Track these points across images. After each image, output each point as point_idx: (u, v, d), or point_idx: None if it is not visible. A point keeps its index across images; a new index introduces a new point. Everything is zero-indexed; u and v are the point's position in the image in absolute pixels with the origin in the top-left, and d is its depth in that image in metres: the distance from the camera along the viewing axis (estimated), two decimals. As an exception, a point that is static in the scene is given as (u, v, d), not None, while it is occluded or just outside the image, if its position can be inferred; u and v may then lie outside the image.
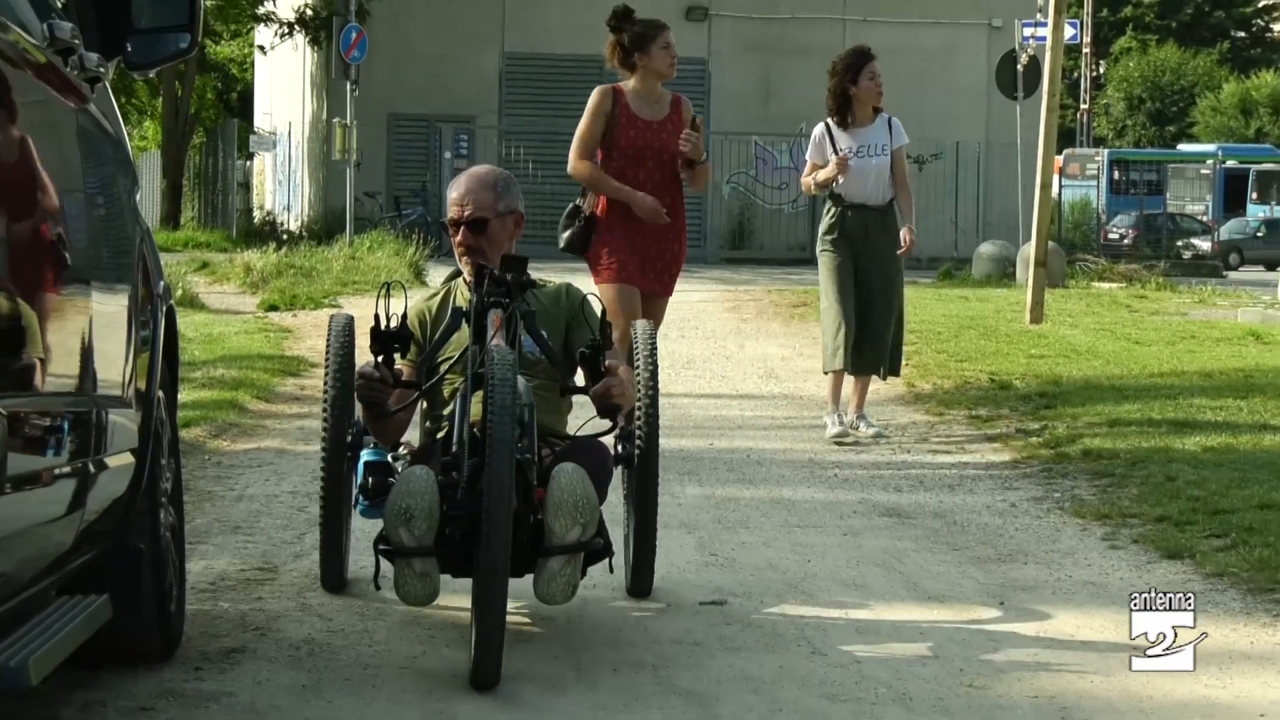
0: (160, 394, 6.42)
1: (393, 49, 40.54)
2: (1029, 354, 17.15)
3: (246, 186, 54.46)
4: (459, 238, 7.11)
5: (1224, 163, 55.71)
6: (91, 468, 5.29)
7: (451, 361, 6.93)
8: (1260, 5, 73.51)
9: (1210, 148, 59.21)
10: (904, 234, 12.15)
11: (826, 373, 12.39)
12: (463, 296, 7.18)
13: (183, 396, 8.88)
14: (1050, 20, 23.18)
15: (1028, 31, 35.80)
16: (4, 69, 4.91)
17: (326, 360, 7.17)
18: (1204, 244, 48.48)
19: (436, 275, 30.28)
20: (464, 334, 6.78)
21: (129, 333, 5.90)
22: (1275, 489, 9.65)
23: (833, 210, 12.10)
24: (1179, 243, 48.18)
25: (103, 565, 5.80)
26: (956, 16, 44.09)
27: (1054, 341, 18.64)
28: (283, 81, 51.66)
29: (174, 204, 47.77)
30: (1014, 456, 11.65)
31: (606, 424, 7.14)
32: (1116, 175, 55.10)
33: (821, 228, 12.26)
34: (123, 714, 5.72)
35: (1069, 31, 34.81)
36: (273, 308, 22.84)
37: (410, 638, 6.06)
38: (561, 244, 10.96)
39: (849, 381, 12.32)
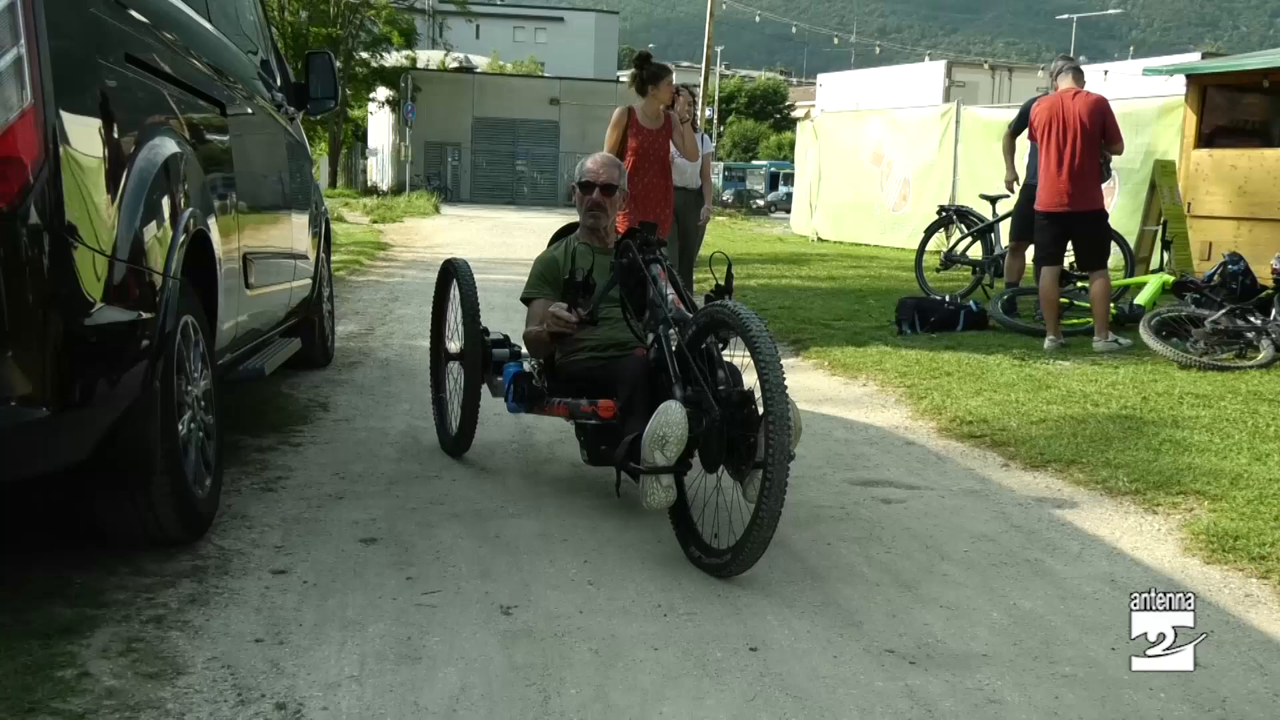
0: (324, 255, 6.24)
1: (427, 113, 39.48)
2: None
3: (364, 171, 53.07)
4: (594, 195, 4.28)
5: (771, 169, 55.83)
6: (292, 283, 5.14)
7: (592, 308, 4.01)
8: (785, 105, 74.06)
9: (765, 163, 59.25)
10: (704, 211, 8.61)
11: None
12: (575, 249, 4.34)
13: (334, 257, 8.62)
14: (700, 110, 23.29)
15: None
16: (266, 118, 4.72)
17: (462, 297, 4.37)
18: (761, 202, 48.51)
19: (446, 209, 29.79)
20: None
21: (309, 228, 5.71)
22: (797, 304, 9.71)
23: None
24: (751, 201, 48.23)
25: (299, 325, 5.66)
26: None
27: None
28: (380, 126, 50.35)
29: (332, 178, 46.07)
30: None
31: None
32: (728, 174, 55.19)
33: None
34: (307, 389, 5.57)
35: (708, 112, 34.53)
36: (375, 221, 22.19)
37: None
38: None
39: None
